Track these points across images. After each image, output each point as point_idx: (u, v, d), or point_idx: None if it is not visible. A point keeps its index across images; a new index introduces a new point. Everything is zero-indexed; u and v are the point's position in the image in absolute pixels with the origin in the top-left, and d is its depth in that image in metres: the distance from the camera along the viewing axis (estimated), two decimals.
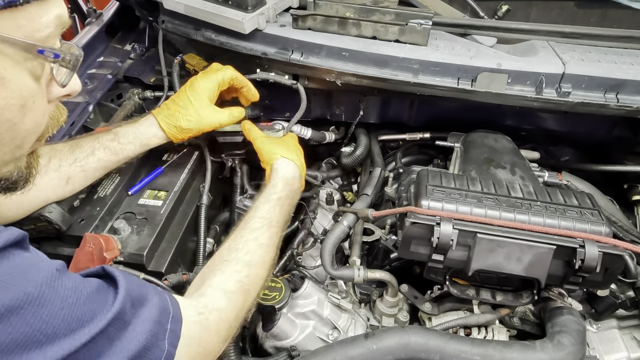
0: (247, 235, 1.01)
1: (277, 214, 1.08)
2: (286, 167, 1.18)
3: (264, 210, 1.07)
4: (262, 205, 1.08)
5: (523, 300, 1.10)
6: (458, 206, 1.03)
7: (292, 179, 1.17)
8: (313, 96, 1.44)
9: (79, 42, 1.65)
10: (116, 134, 1.15)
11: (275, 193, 1.11)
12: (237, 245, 0.98)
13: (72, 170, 1.07)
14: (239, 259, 0.95)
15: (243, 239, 1.00)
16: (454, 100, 1.30)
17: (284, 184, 1.14)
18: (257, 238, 1.01)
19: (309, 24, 1.36)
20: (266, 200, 1.09)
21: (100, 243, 1.01)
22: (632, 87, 1.21)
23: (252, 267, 0.96)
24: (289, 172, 1.18)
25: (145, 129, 1.19)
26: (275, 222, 1.06)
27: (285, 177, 1.16)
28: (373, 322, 1.29)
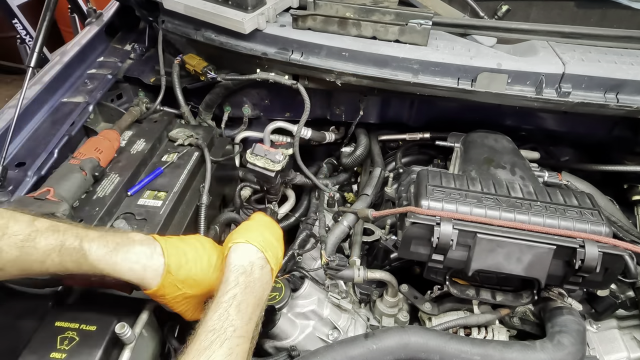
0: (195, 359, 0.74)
1: (234, 319, 0.80)
2: (240, 254, 0.92)
3: (214, 320, 0.79)
4: (212, 314, 0.81)
5: (523, 300, 1.10)
6: (458, 206, 1.03)
7: (248, 265, 0.90)
8: (313, 96, 1.45)
9: (79, 42, 1.65)
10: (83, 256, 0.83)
11: (225, 293, 0.84)
12: None
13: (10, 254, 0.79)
14: None
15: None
16: (454, 100, 1.31)
17: (237, 275, 0.88)
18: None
19: (309, 24, 1.36)
20: (215, 307, 0.82)
21: None
22: (632, 87, 1.22)
23: None
24: (243, 258, 0.91)
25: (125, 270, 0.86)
26: (231, 330, 0.79)
27: (237, 266, 0.89)
28: (373, 322, 1.29)
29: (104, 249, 0.84)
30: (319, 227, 1.41)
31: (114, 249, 0.85)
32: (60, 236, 0.83)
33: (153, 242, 0.90)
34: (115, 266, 0.84)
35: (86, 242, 0.84)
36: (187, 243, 0.95)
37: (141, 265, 0.86)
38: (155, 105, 1.54)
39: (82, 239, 0.84)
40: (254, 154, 1.34)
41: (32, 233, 0.81)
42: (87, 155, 1.19)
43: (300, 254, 1.33)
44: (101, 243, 0.85)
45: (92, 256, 0.83)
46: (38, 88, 1.42)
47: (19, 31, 3.62)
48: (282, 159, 1.34)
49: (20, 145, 1.29)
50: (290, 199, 1.61)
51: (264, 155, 1.33)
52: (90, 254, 0.83)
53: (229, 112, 1.68)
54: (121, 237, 0.88)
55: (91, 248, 0.83)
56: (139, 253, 0.87)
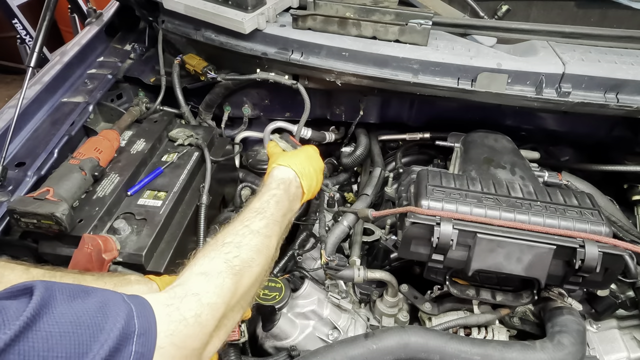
0: (236, 224, 0.90)
1: (272, 207, 0.97)
2: (281, 171, 1.10)
3: (256, 204, 0.97)
4: (255, 201, 0.99)
5: (523, 300, 1.10)
6: (458, 206, 1.03)
7: (287, 180, 1.08)
8: (313, 96, 1.45)
9: (79, 42, 1.65)
10: None
11: (268, 190, 1.03)
12: (224, 234, 0.87)
13: None
14: (226, 243, 0.84)
15: (231, 227, 0.90)
16: (454, 100, 1.31)
17: (278, 184, 1.06)
18: (248, 225, 0.90)
19: (309, 24, 1.36)
20: (259, 198, 1.00)
21: (99, 244, 1.00)
22: (632, 87, 1.22)
23: (242, 249, 0.84)
24: (284, 175, 1.09)
25: None
26: (269, 214, 0.95)
27: (278, 177, 1.08)
28: (373, 322, 1.29)
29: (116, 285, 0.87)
30: (319, 227, 1.41)
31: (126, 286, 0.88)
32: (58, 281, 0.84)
33: (149, 281, 0.93)
34: None
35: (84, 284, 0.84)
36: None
37: None
38: (155, 105, 1.54)
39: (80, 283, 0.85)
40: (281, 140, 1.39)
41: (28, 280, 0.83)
42: (87, 155, 1.18)
43: (300, 254, 1.33)
44: (98, 285, 0.86)
45: None
46: (38, 88, 1.42)
47: (19, 31, 3.62)
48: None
49: (20, 145, 1.28)
50: None
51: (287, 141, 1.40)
52: None
53: (229, 112, 1.68)
54: (118, 278, 0.91)
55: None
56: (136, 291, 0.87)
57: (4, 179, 1.16)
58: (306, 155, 1.18)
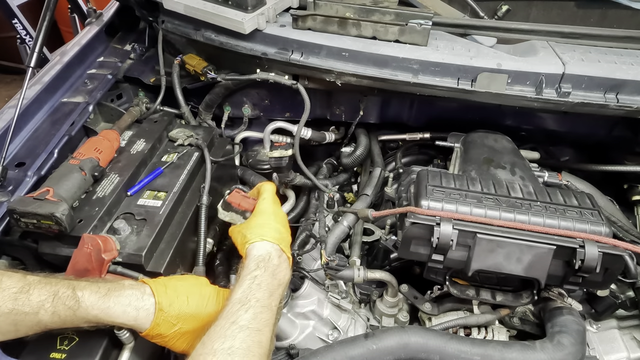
0: (222, 322, 0.84)
1: (256, 292, 0.91)
2: (258, 248, 1.02)
3: (238, 293, 0.90)
4: (236, 290, 0.92)
5: (523, 300, 1.10)
6: (458, 206, 1.03)
7: (266, 256, 1.00)
8: (313, 96, 1.45)
9: (79, 42, 1.65)
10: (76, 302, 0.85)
11: (247, 274, 0.95)
12: (212, 337, 0.82)
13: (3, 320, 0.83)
14: (216, 350, 0.79)
15: (218, 327, 0.83)
16: (453, 101, 1.31)
17: (257, 263, 0.98)
18: (235, 322, 0.84)
19: (309, 24, 1.36)
20: (240, 285, 0.93)
21: (99, 244, 1.00)
22: (632, 87, 1.22)
23: (235, 356, 0.79)
24: (261, 251, 1.01)
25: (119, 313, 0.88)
26: (254, 301, 0.89)
27: (256, 256, 0.99)
28: (373, 322, 1.29)
29: (96, 295, 0.87)
30: (319, 227, 1.41)
31: (106, 294, 0.88)
32: (53, 287, 0.86)
33: (142, 284, 0.93)
34: (108, 310, 0.86)
35: (78, 289, 0.87)
36: (180, 279, 0.99)
37: (133, 307, 0.88)
38: (155, 105, 1.54)
39: (75, 287, 0.87)
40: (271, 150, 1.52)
41: (25, 286, 0.84)
42: (87, 155, 1.18)
43: (300, 254, 1.33)
44: (93, 289, 0.87)
45: (85, 302, 0.85)
46: (38, 88, 1.42)
47: (19, 31, 3.62)
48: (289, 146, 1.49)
49: (20, 145, 1.28)
50: (290, 200, 1.61)
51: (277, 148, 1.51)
52: (83, 300, 0.85)
53: (229, 112, 1.68)
54: (112, 283, 0.91)
55: (84, 295, 0.86)
56: (130, 296, 0.89)
57: (4, 179, 1.16)
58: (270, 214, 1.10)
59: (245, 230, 1.06)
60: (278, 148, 1.52)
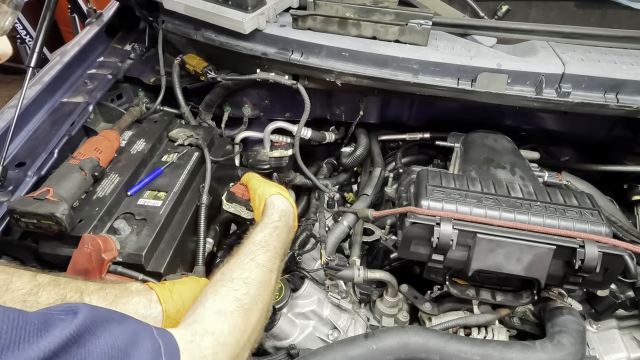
0: (242, 257, 0.94)
1: (275, 240, 1.01)
2: (282, 202, 1.14)
3: (260, 236, 1.01)
4: (258, 233, 1.02)
5: (523, 300, 1.10)
6: (458, 206, 1.03)
7: (287, 212, 1.12)
8: (313, 96, 1.45)
9: (79, 42, 1.65)
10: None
11: (271, 222, 1.06)
12: (231, 267, 0.91)
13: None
14: (235, 278, 0.87)
15: (238, 261, 0.93)
16: (453, 101, 1.31)
17: (280, 215, 1.09)
18: (254, 259, 0.94)
19: (309, 24, 1.36)
20: (262, 229, 1.03)
21: (99, 244, 1.00)
22: (632, 87, 1.21)
23: (250, 286, 0.87)
24: (285, 206, 1.13)
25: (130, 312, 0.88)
26: (272, 247, 0.99)
27: (281, 208, 1.11)
28: (373, 322, 1.29)
29: (104, 302, 0.87)
30: (319, 227, 1.41)
31: (113, 302, 0.88)
32: (61, 290, 0.86)
33: (149, 290, 0.93)
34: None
35: (86, 295, 0.87)
36: (182, 283, 0.99)
37: (140, 315, 0.88)
38: (155, 105, 1.54)
39: (82, 292, 0.87)
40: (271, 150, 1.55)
41: (34, 287, 0.85)
42: (87, 155, 1.18)
43: (301, 254, 1.33)
44: (100, 296, 0.88)
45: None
46: (38, 88, 1.42)
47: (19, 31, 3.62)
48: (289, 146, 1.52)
49: (20, 145, 1.28)
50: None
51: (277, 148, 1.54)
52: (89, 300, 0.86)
53: (229, 112, 1.68)
54: (119, 288, 0.91)
55: (91, 300, 0.86)
56: (136, 304, 0.89)
57: (4, 179, 1.16)
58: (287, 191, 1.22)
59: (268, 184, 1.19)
60: (278, 148, 1.53)
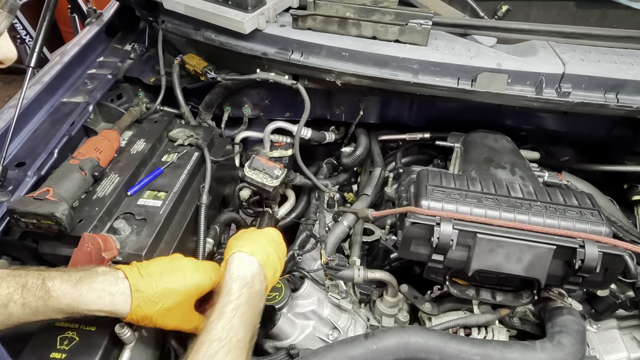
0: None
1: (237, 328, 0.85)
2: (242, 264, 0.95)
3: (218, 329, 0.84)
4: (216, 322, 0.85)
5: (523, 300, 1.10)
6: (458, 206, 1.03)
7: (250, 278, 0.93)
8: (313, 96, 1.45)
9: (79, 42, 1.65)
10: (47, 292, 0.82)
11: (229, 302, 0.88)
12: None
13: None
14: None
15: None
16: (453, 100, 1.31)
17: (240, 287, 0.91)
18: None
19: (309, 24, 1.36)
20: (220, 316, 0.86)
21: (99, 243, 1.00)
22: (632, 87, 1.22)
23: None
24: (245, 270, 0.94)
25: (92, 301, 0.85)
26: (235, 341, 0.83)
27: (240, 277, 0.92)
28: (373, 322, 1.29)
29: (67, 284, 0.84)
30: (319, 227, 1.41)
31: (78, 282, 0.85)
32: (22, 279, 0.83)
33: (114, 270, 0.91)
34: (81, 298, 0.83)
35: (48, 279, 0.84)
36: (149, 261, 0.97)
37: (107, 292, 0.85)
38: (155, 105, 1.54)
39: (45, 278, 0.84)
40: (252, 167, 1.40)
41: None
42: (87, 155, 1.18)
43: (301, 254, 1.33)
44: (64, 278, 0.85)
45: (56, 292, 0.82)
46: (38, 88, 1.42)
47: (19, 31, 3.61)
48: (280, 174, 1.39)
49: (20, 145, 1.28)
50: (290, 199, 1.61)
51: (262, 169, 1.39)
52: (54, 289, 0.83)
53: (229, 112, 1.68)
54: (84, 271, 0.89)
55: (54, 284, 0.83)
56: (103, 282, 0.87)
57: (4, 179, 1.16)
58: (270, 239, 1.06)
59: (236, 239, 1.02)
60: (278, 148, 1.53)
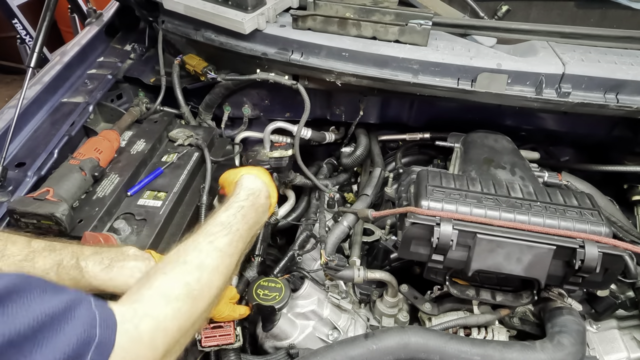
0: (200, 238, 0.88)
1: (239, 222, 0.94)
2: (251, 180, 1.07)
3: (222, 217, 0.94)
4: (222, 212, 0.96)
5: (523, 300, 1.10)
6: (458, 206, 1.03)
7: (257, 190, 1.05)
8: (313, 96, 1.45)
9: (79, 42, 1.65)
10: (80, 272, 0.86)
11: (236, 201, 0.99)
12: (187, 248, 0.85)
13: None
14: (188, 261, 0.82)
15: (195, 242, 0.87)
16: (453, 101, 1.31)
17: (247, 194, 1.02)
18: (213, 242, 0.87)
19: (309, 24, 1.36)
20: (226, 209, 0.97)
21: (100, 242, 1.01)
22: (632, 88, 1.22)
23: (203, 271, 0.82)
24: (253, 184, 1.06)
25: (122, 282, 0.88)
26: (235, 229, 0.92)
27: (248, 187, 1.04)
28: (373, 322, 1.29)
29: (100, 266, 0.87)
30: (319, 227, 1.41)
31: (109, 265, 0.87)
32: (57, 255, 0.85)
33: (147, 256, 0.93)
34: (111, 282, 0.87)
35: (82, 259, 0.86)
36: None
37: (136, 279, 0.87)
38: (155, 105, 1.54)
39: (78, 257, 0.86)
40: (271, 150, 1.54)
41: (30, 253, 0.84)
42: (87, 155, 1.19)
43: (301, 254, 1.33)
44: (96, 260, 0.87)
45: (88, 273, 0.85)
46: (38, 88, 1.42)
47: (19, 31, 3.61)
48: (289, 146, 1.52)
49: (20, 145, 1.29)
50: (290, 200, 1.61)
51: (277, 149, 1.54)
52: (87, 270, 0.85)
53: (229, 112, 1.68)
54: (115, 252, 0.91)
55: (87, 265, 0.86)
56: (133, 268, 0.89)
57: (4, 179, 1.16)
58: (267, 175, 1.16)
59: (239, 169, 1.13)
60: (278, 148, 1.52)
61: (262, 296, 1.13)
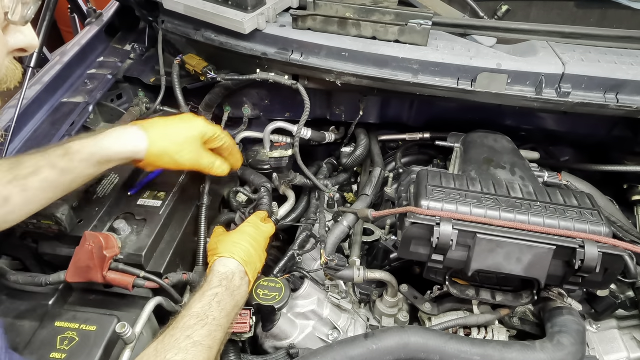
0: (178, 334, 0.87)
1: (215, 310, 0.94)
2: (223, 265, 1.06)
3: (197, 307, 0.93)
4: (196, 303, 0.95)
5: (523, 300, 1.10)
6: (458, 206, 1.03)
7: (229, 273, 1.03)
8: (313, 96, 1.45)
9: (79, 42, 1.65)
10: (67, 150, 0.97)
11: (210, 289, 0.98)
12: (166, 346, 0.84)
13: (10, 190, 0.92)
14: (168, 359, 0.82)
15: (174, 339, 0.86)
16: (453, 101, 1.31)
17: (220, 280, 1.01)
18: (190, 336, 0.87)
19: (309, 24, 1.36)
20: (200, 298, 0.96)
21: (100, 241, 1.01)
22: (632, 88, 1.21)
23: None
24: (225, 268, 1.05)
25: (112, 143, 1.01)
26: (212, 319, 0.92)
27: (219, 272, 1.03)
28: (373, 322, 1.29)
29: (86, 139, 1.00)
30: (319, 227, 1.41)
31: (94, 136, 1.01)
32: (42, 151, 0.98)
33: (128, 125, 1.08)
34: (100, 144, 1.00)
35: (66, 142, 1.00)
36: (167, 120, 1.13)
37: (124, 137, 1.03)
38: (155, 105, 1.54)
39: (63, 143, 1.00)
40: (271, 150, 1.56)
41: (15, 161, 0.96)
42: None
43: (300, 254, 1.33)
44: (81, 137, 1.01)
45: (76, 146, 0.98)
46: (38, 88, 1.42)
47: None
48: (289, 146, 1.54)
49: (20, 145, 1.29)
50: (290, 200, 1.61)
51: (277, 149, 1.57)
52: (74, 144, 0.99)
53: (229, 112, 1.68)
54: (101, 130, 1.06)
55: (74, 142, 1.00)
56: (117, 130, 1.04)
57: None
58: (247, 236, 1.14)
59: (218, 243, 1.11)
60: (278, 148, 1.53)
61: (262, 296, 1.13)
